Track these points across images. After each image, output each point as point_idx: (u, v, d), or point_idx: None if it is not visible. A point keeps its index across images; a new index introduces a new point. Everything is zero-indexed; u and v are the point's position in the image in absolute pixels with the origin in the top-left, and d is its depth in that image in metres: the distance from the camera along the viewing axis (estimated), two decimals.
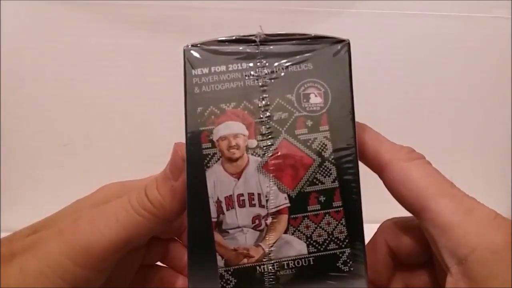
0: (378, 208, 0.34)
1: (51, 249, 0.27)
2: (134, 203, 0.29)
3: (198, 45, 0.28)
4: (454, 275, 0.26)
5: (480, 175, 0.70)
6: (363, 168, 0.29)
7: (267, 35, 0.28)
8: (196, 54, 0.28)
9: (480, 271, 0.25)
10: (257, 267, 0.27)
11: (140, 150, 0.65)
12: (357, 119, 0.28)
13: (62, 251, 0.27)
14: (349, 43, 0.28)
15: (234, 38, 0.28)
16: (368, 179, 0.29)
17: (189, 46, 0.28)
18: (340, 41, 0.28)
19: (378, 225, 0.33)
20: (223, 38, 0.28)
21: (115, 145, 0.65)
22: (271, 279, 0.27)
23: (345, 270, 0.27)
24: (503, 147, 0.69)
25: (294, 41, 0.28)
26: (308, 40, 0.28)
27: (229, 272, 0.27)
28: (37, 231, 0.29)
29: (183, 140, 0.28)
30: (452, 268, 0.26)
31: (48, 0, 0.59)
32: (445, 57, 0.65)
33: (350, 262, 0.27)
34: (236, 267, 0.27)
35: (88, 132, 0.65)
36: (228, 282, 0.27)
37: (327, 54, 0.28)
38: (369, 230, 0.31)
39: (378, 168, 0.29)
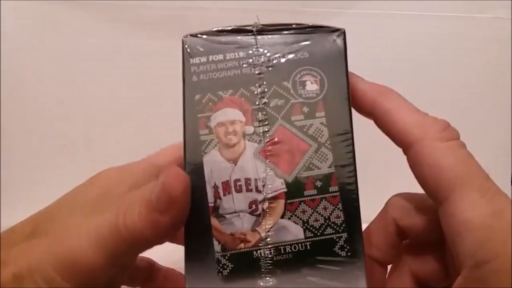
0: (376, 207, 0.34)
1: (42, 262, 0.25)
2: (119, 222, 0.25)
3: (197, 35, 0.29)
4: (466, 277, 0.23)
5: None
6: (363, 168, 0.29)
7: (263, 25, 0.29)
8: (194, 44, 0.29)
9: (498, 282, 0.22)
10: (254, 252, 0.27)
11: (140, 150, 0.63)
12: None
13: (51, 265, 0.25)
14: (344, 32, 0.29)
15: (231, 28, 0.29)
16: (368, 178, 0.29)
17: (188, 36, 0.29)
18: (335, 30, 0.29)
19: None
20: (221, 28, 0.29)
21: (115, 145, 0.65)
22: (268, 264, 0.27)
23: (342, 255, 0.27)
24: (503, 147, 0.69)
25: (290, 31, 0.29)
26: (304, 29, 0.29)
27: (226, 257, 0.27)
28: (35, 231, 0.28)
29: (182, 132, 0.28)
30: (466, 269, 0.23)
31: (48, 0, 0.59)
32: (445, 57, 0.65)
33: (347, 247, 0.27)
34: (232, 251, 0.27)
35: (88, 132, 0.65)
36: (225, 266, 0.27)
37: (323, 42, 0.29)
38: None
39: (404, 144, 0.27)
